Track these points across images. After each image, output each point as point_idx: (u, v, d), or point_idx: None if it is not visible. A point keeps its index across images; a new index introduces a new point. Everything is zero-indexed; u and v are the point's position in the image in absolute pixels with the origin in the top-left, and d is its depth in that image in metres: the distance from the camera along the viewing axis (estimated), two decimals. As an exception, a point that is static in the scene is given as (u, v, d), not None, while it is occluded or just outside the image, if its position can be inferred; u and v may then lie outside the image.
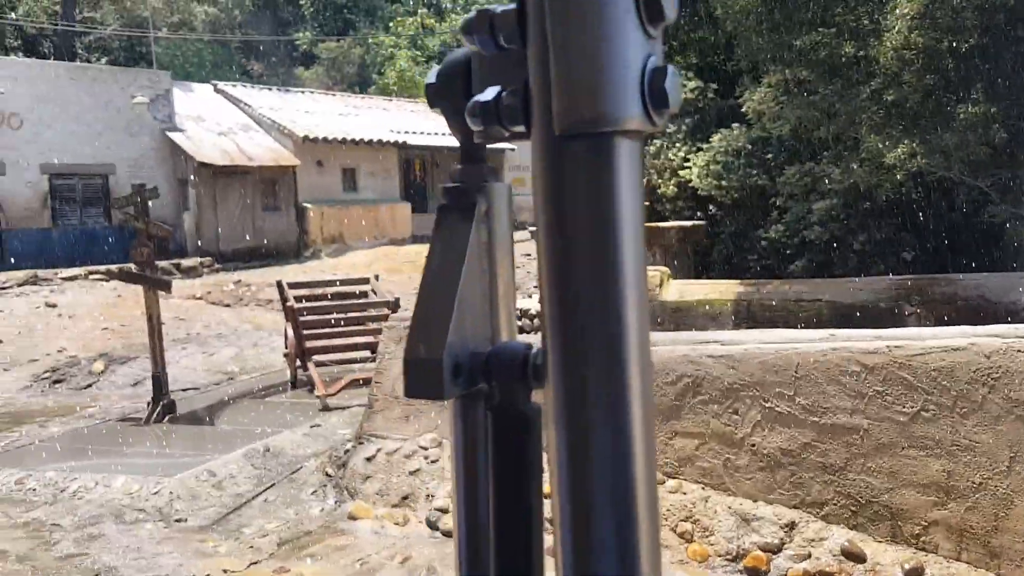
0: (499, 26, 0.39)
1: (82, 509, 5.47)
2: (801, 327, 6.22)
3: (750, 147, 11.06)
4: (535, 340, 0.41)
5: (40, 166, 17.81)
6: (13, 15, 27.73)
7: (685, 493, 4.43)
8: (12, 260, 17.07)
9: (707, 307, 7.95)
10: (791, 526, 4.18)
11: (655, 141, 11.59)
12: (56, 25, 29.49)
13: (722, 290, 8.57)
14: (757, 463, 4.34)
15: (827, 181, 10.02)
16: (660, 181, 11.93)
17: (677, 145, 11.98)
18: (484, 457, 0.41)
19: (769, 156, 10.99)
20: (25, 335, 12.54)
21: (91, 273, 16.20)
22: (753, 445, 4.36)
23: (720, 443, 4.45)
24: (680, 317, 8.23)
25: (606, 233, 0.37)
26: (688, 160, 11.69)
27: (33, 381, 10.11)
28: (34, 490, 5.89)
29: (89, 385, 9.78)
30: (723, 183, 10.89)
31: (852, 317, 7.35)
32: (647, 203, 10.59)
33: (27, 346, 11.91)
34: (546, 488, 0.41)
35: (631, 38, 0.35)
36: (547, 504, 0.41)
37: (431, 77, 0.43)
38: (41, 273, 15.96)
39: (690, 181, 11.43)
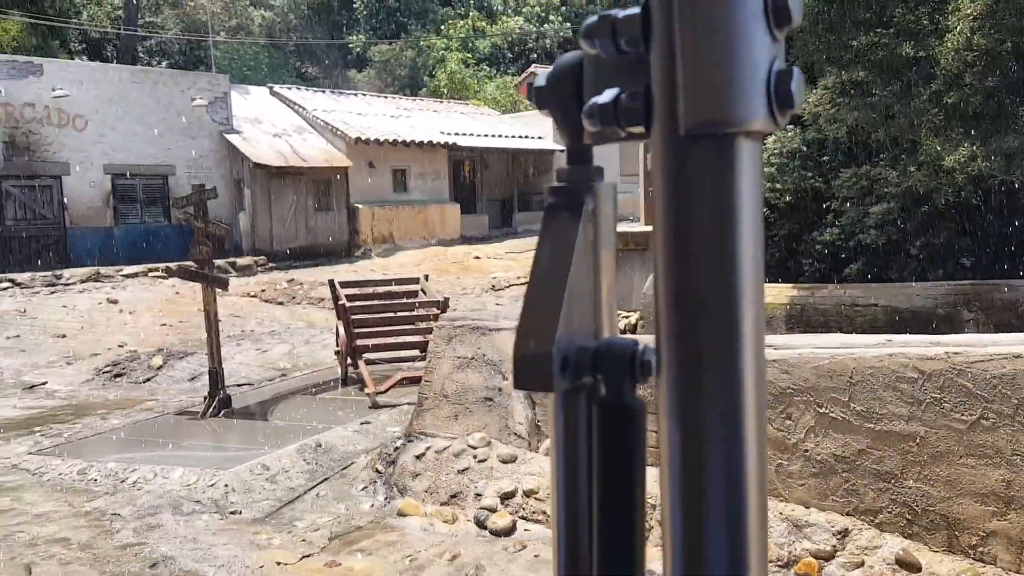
0: (621, 31, 0.40)
1: (141, 499, 5.63)
2: (856, 332, 6.11)
3: (805, 149, 10.89)
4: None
5: (103, 166, 18.36)
6: (78, 20, 28.62)
7: (735, 498, 4.39)
8: (76, 257, 17.65)
9: (759, 311, 7.84)
10: (844, 533, 4.11)
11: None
12: (119, 30, 30.38)
13: (775, 294, 8.46)
14: (810, 469, 4.28)
15: (884, 184, 9.82)
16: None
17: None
18: (585, 450, 0.42)
19: (824, 158, 10.80)
20: (87, 330, 12.95)
21: (151, 270, 16.66)
22: (806, 451, 4.30)
23: (773, 448, 4.40)
24: (731, 321, 8.11)
25: (727, 231, 0.38)
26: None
27: (95, 375, 10.43)
28: (96, 480, 6.09)
29: (148, 379, 10.05)
30: (777, 185, 10.72)
31: (908, 323, 7.19)
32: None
33: (89, 341, 12.30)
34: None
35: (758, 41, 0.37)
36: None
37: (540, 80, 0.44)
38: (103, 270, 16.48)
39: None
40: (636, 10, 0.39)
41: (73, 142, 17.94)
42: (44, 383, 10.08)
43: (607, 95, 0.40)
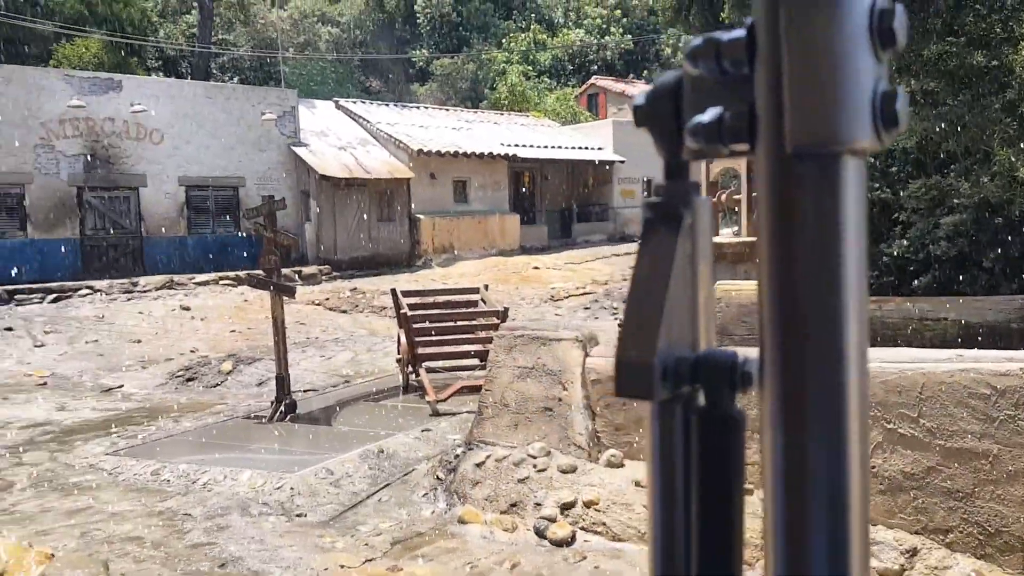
0: (725, 52, 0.41)
1: (211, 501, 5.81)
2: (926, 347, 5.96)
3: (873, 159, 10.66)
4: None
5: (178, 178, 19.02)
6: (155, 38, 29.75)
7: (798, 513, 4.33)
8: (151, 266, 18.31)
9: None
10: (912, 552, 4.02)
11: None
12: (193, 47, 31.47)
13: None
14: (878, 486, 4.20)
15: (955, 195, 9.55)
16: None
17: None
18: (681, 459, 0.43)
19: (893, 169, 10.56)
20: (161, 336, 13.41)
21: (221, 278, 17.18)
22: (874, 467, 4.22)
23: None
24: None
25: (832, 247, 0.39)
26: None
27: (168, 379, 10.79)
28: (168, 481, 6.31)
29: (218, 384, 10.36)
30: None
31: (980, 338, 6.98)
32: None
33: (163, 346, 12.73)
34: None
35: (864, 63, 0.38)
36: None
37: (639, 99, 0.46)
38: (176, 278, 17.05)
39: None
40: (740, 33, 0.41)
41: (150, 155, 18.64)
42: (120, 386, 10.47)
43: (710, 114, 0.42)
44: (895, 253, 10.30)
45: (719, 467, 0.43)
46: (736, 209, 10.38)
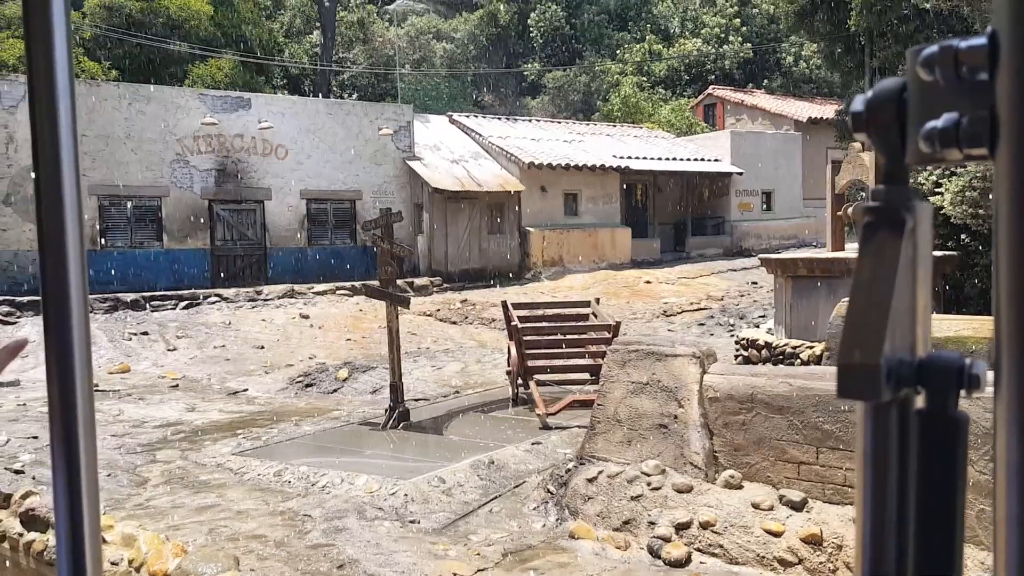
0: (964, 59, 0.42)
1: (329, 503, 5.98)
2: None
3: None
4: (763, 368, 0.44)
5: (300, 192, 19.86)
6: (280, 57, 31.22)
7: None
8: (274, 275, 19.15)
9: (960, 345, 7.25)
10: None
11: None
12: (316, 65, 32.85)
13: (976, 327, 7.77)
14: None
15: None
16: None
17: (928, 168, 11.06)
18: (895, 459, 0.44)
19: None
20: (282, 342, 13.98)
21: (338, 288, 17.79)
22: None
23: (974, 492, 4.04)
24: (926, 355, 7.54)
25: None
26: (940, 185, 10.75)
27: (288, 384, 11.23)
28: (290, 482, 6.54)
29: (335, 390, 10.70)
30: (980, 211, 9.90)
31: None
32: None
33: (284, 352, 13.27)
34: None
35: None
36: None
37: (858, 106, 0.47)
38: (297, 287, 17.77)
39: (942, 208, 10.51)
40: (980, 40, 0.42)
41: (275, 169, 19.53)
42: (245, 390, 10.97)
43: (946, 119, 0.42)
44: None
45: (943, 469, 0.43)
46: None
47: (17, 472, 6.91)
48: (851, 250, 10.50)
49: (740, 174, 25.30)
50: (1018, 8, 0.40)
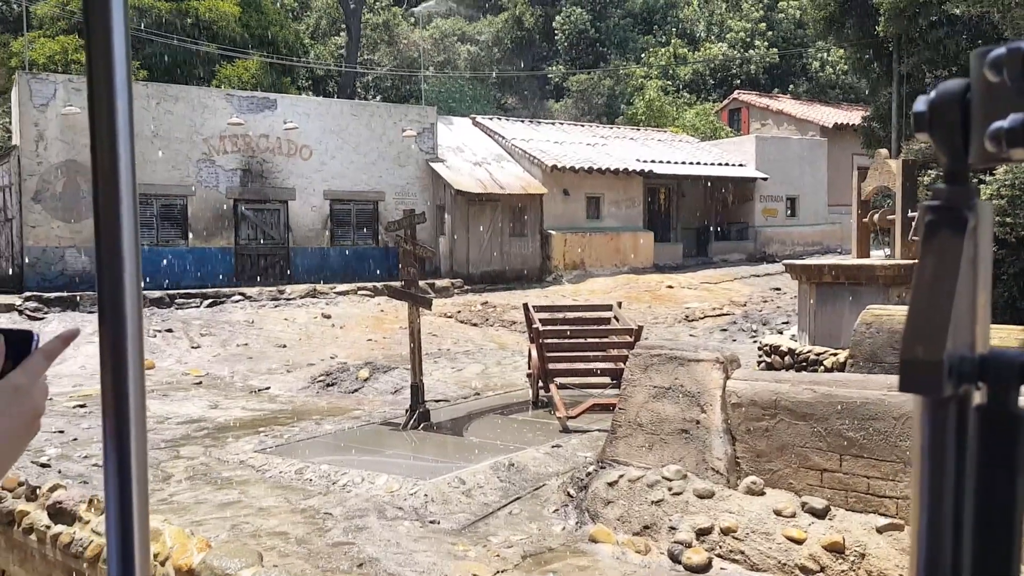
0: None
1: (350, 502, 6.01)
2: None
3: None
4: (787, 375, 0.44)
5: (323, 192, 19.98)
6: (306, 59, 31.45)
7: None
8: (296, 275, 19.29)
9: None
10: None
11: (929, 172, 10.68)
12: (340, 67, 33.06)
13: (1003, 336, 7.67)
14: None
15: None
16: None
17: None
18: (953, 455, 0.44)
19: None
20: (304, 341, 14.07)
21: (360, 289, 17.88)
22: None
23: None
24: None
25: None
26: (966, 193, 10.62)
27: (310, 383, 11.30)
28: (311, 480, 6.58)
29: (356, 390, 10.75)
30: (1008, 219, 9.78)
31: None
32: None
33: (306, 351, 13.36)
34: None
35: None
36: None
37: (919, 106, 0.48)
38: (319, 287, 17.89)
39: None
40: None
41: (299, 170, 19.67)
42: (267, 388, 11.05)
43: (1012, 119, 0.43)
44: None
45: (1002, 465, 0.44)
46: (889, 230, 9.82)
47: (43, 466, 7.01)
48: (876, 257, 10.42)
49: (765, 179, 25.14)
50: None
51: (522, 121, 26.47)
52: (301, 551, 5.14)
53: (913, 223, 8.64)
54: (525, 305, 9.95)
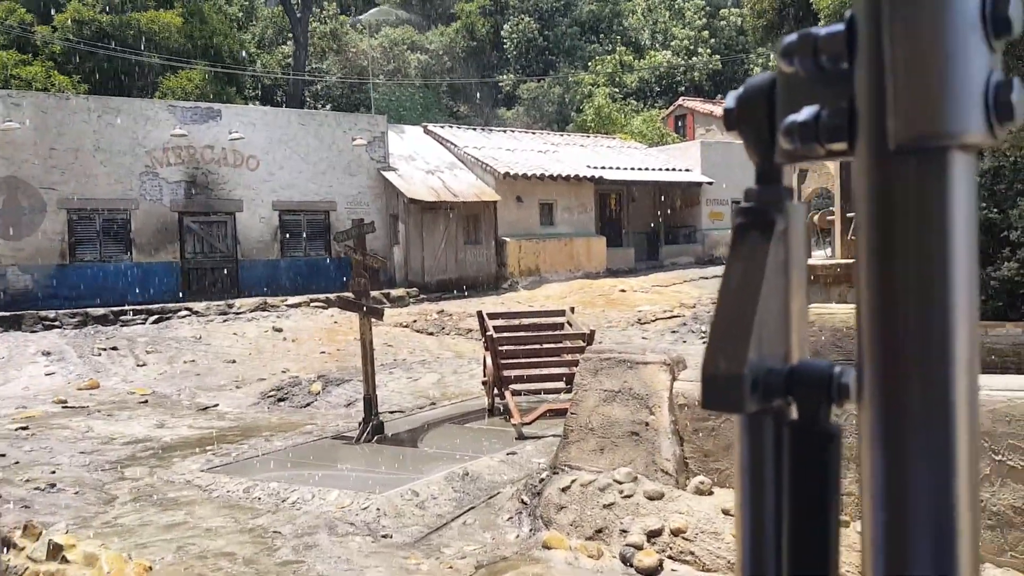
0: (823, 48, 0.39)
1: (300, 519, 5.91)
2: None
3: (979, 179, 10.14)
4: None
5: (272, 203, 19.70)
6: (252, 68, 31.06)
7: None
8: (246, 288, 18.97)
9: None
10: (1030, 597, 3.73)
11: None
12: (288, 76, 32.70)
13: (1000, 332, 7.87)
14: (986, 521, 3.92)
15: (1072, 213, 8.99)
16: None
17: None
18: (772, 474, 0.42)
19: (1001, 187, 10.03)
20: (255, 356, 13.83)
21: (312, 301, 17.64)
22: (981, 501, 3.95)
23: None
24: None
25: (940, 248, 0.36)
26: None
27: (260, 398, 11.10)
28: (259, 499, 6.45)
29: (308, 404, 10.60)
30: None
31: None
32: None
33: (256, 366, 13.13)
34: None
35: (975, 52, 0.36)
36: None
37: (729, 102, 0.45)
38: (270, 300, 17.61)
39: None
40: (839, 27, 0.39)
41: (246, 181, 19.37)
42: (216, 405, 10.83)
43: (806, 112, 0.40)
44: (1004, 276, 9.76)
45: (814, 483, 0.41)
46: (830, 230, 10.03)
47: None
48: (818, 257, 10.61)
49: (711, 183, 25.49)
50: None
51: (474, 129, 26.46)
52: (249, 572, 5.03)
53: (852, 223, 8.82)
54: (479, 313, 9.92)
